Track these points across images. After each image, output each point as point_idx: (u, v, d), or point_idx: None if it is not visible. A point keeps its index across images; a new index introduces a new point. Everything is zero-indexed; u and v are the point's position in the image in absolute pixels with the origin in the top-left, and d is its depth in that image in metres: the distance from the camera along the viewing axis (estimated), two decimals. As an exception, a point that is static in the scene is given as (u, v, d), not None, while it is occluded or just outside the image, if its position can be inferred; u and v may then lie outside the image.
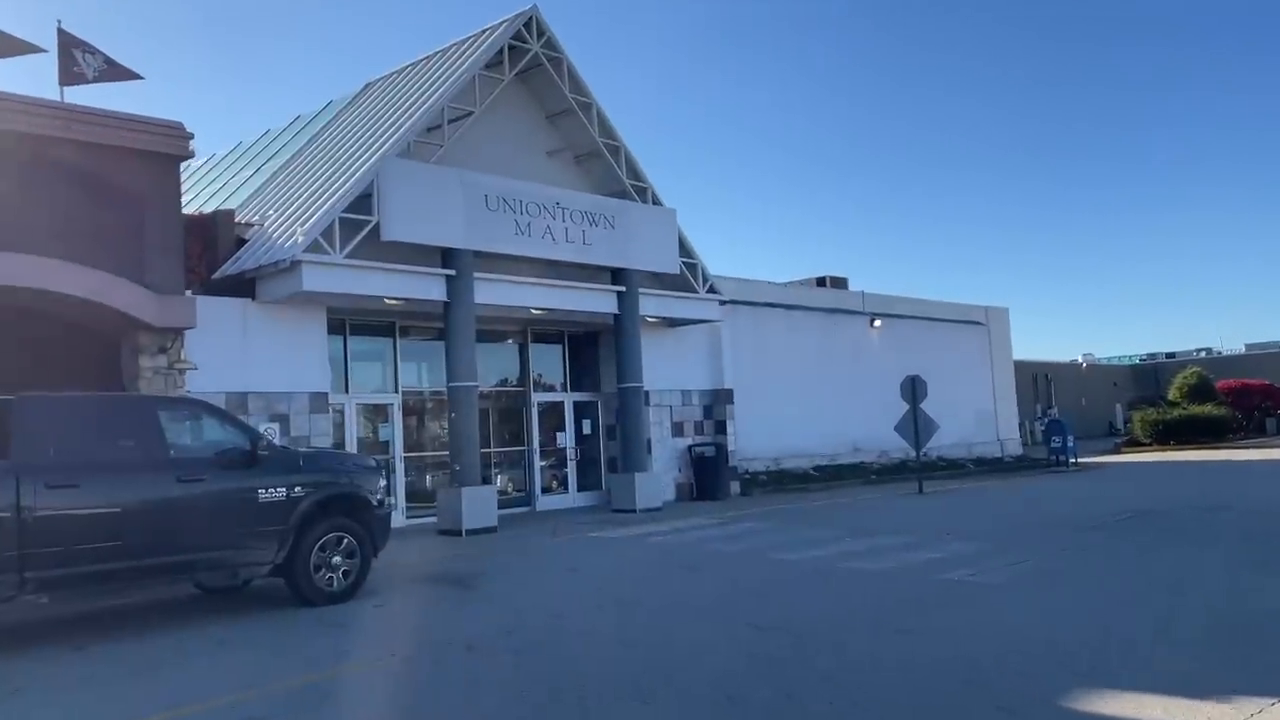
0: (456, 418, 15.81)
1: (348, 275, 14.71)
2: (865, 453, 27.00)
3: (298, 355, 15.32)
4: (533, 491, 19.53)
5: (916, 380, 20.94)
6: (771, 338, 24.79)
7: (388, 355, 17.71)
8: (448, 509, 15.65)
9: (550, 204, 17.19)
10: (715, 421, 21.74)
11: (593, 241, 17.80)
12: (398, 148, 15.70)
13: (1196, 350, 72.94)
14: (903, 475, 25.47)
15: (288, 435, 15.08)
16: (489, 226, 16.24)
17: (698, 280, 20.07)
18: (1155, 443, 38.76)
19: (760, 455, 23.62)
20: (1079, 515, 15.32)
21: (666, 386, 20.75)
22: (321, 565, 9.76)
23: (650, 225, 18.91)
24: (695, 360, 21.59)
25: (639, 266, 18.64)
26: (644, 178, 19.27)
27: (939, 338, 30.30)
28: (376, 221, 15.01)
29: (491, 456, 19.30)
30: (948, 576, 10.06)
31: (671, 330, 21.07)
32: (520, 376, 19.92)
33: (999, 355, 33.56)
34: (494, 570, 11.76)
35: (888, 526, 14.70)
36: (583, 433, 20.56)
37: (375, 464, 10.92)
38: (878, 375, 27.44)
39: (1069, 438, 26.96)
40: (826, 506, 18.44)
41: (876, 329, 28.14)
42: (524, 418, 19.78)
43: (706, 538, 14.15)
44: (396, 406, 17.56)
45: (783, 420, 24.38)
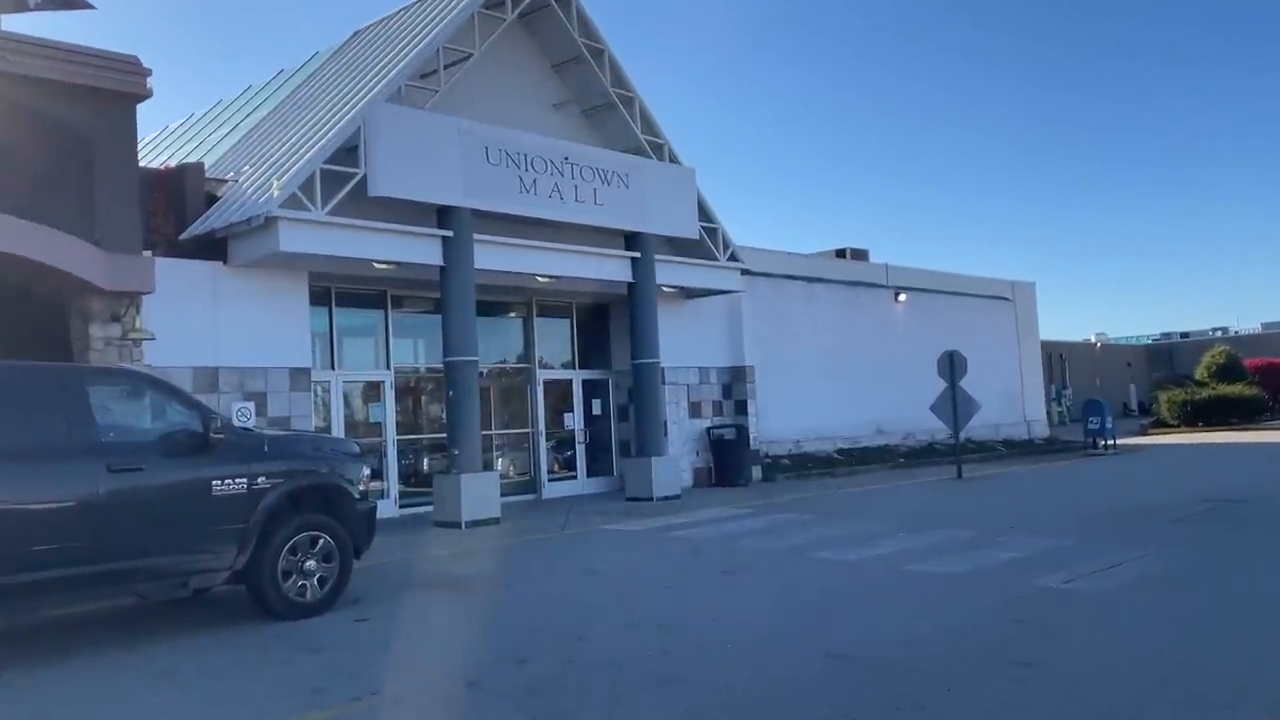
0: (454, 397, 14.14)
1: (331, 235, 13.00)
2: (889, 434, 25.37)
3: (276, 326, 13.63)
4: (539, 478, 17.89)
5: (955, 356, 19.27)
6: (791, 312, 23.09)
7: (379, 328, 16.02)
8: (445, 498, 14.00)
9: (558, 159, 15.45)
10: (735, 401, 20.08)
11: (605, 202, 16.08)
12: (387, 92, 13.95)
13: (1212, 330, 71.37)
14: (932, 458, 23.88)
15: (264, 416, 13.43)
16: (490, 183, 14.52)
17: (718, 247, 18.36)
18: (1183, 424, 37.15)
19: (781, 437, 21.97)
20: (1150, 504, 13.69)
21: (683, 363, 19.08)
22: (292, 571, 8.11)
23: (667, 185, 17.18)
24: (713, 335, 19.91)
25: (655, 230, 16.92)
26: (660, 133, 17.53)
27: (965, 314, 28.60)
28: (363, 175, 13.29)
29: (494, 440, 17.64)
30: (1041, 583, 8.41)
31: (688, 302, 19.37)
32: (524, 353, 18.25)
33: (1025, 333, 31.86)
34: (498, 572, 10.12)
35: (939, 518, 13.06)
36: (592, 414, 18.92)
37: (358, 449, 9.24)
38: (902, 352, 25.86)
39: (1107, 419, 25.32)
40: (861, 494, 16.80)
41: (901, 303, 26.42)
42: (528, 398, 18.13)
43: (738, 532, 12.50)
44: (389, 385, 15.89)
45: (803, 400, 22.72)
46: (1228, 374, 39.59)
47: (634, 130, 17.13)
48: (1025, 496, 15.79)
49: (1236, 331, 67.09)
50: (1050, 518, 12.75)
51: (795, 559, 10.24)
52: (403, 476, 16.20)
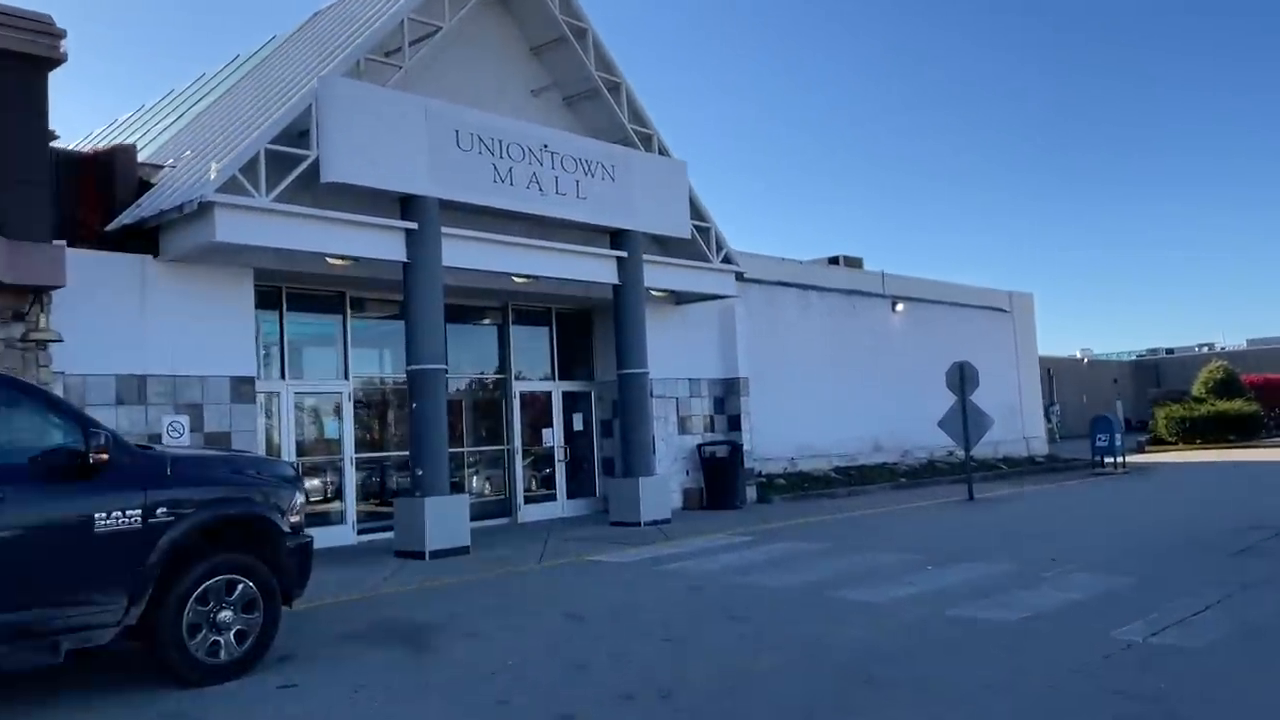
0: (419, 410, 12.53)
1: (276, 225, 11.39)
2: (887, 451, 23.94)
3: (216, 329, 11.99)
4: (514, 500, 16.28)
5: (965, 368, 17.86)
6: (784, 321, 21.65)
7: (337, 335, 14.39)
8: (408, 525, 12.38)
9: (537, 146, 13.93)
10: (728, 416, 18.56)
11: (589, 195, 14.56)
12: (344, 67, 12.40)
13: (1198, 345, 70.78)
14: (934, 477, 22.45)
15: (200, 431, 11.77)
16: (460, 170, 12.97)
17: (711, 248, 16.87)
18: (1181, 441, 36.02)
19: (775, 455, 20.47)
20: (1198, 532, 12.27)
21: (672, 375, 17.55)
22: (201, 625, 6.50)
23: (656, 179, 15.69)
24: (705, 344, 18.40)
25: (643, 228, 15.41)
26: (649, 122, 16.05)
27: (963, 325, 27.29)
28: (315, 158, 11.70)
29: (465, 458, 16.04)
30: (1123, 637, 6.92)
31: (678, 308, 17.86)
32: (500, 363, 16.67)
33: (1024, 346, 30.61)
34: (464, 618, 8.51)
35: (964, 547, 11.57)
36: (574, 429, 17.34)
37: (292, 472, 7.64)
38: (899, 365, 24.51)
39: (1116, 436, 23.99)
40: (867, 518, 15.30)
41: (899, 313, 25.06)
42: (504, 412, 16.53)
43: (740, 564, 10.95)
44: (347, 396, 14.26)
45: (798, 415, 21.26)
46: (1226, 390, 38.50)
47: (620, 118, 15.63)
48: (1051, 522, 14.33)
49: (1224, 347, 66.48)
50: (1093, 548, 11.28)
51: (814, 601, 8.69)
52: (363, 499, 14.56)
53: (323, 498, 14.12)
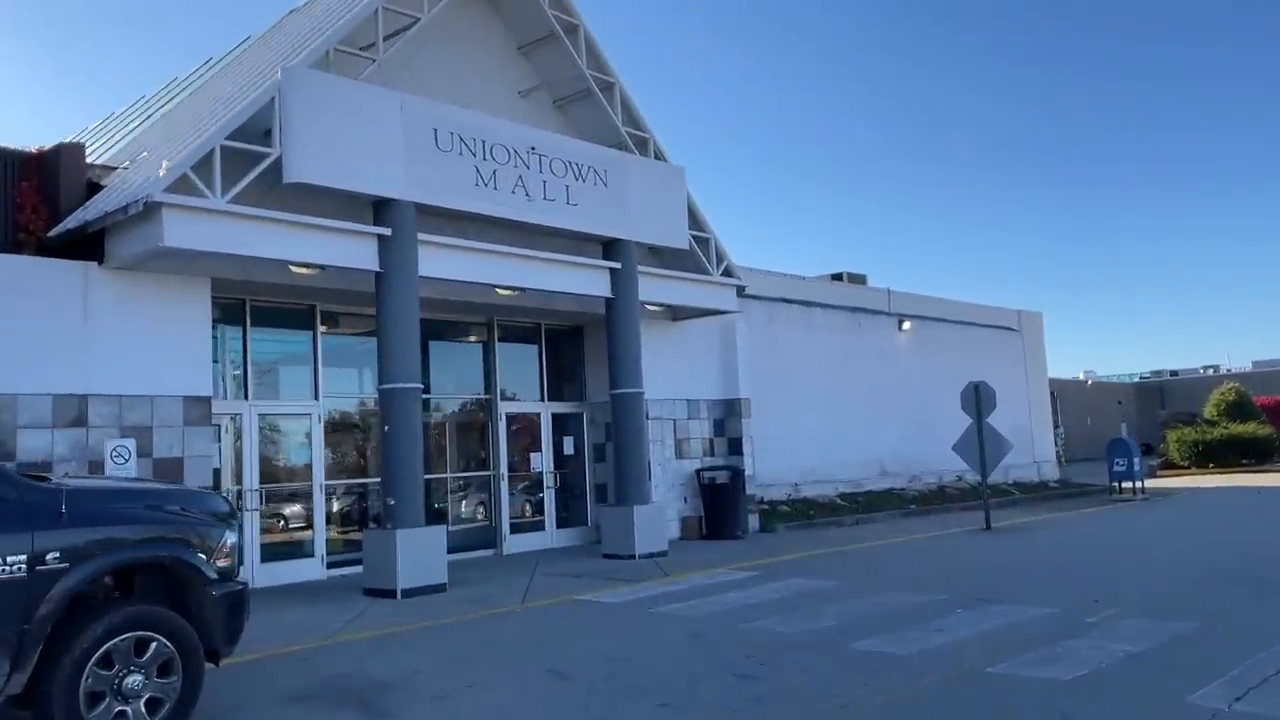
0: (391, 433, 11.43)
1: (233, 228, 10.34)
2: (894, 476, 22.85)
3: (168, 344, 10.92)
4: (499, 529, 15.15)
5: (981, 388, 16.80)
6: (786, 339, 20.62)
7: (306, 352, 13.31)
8: (378, 560, 11.25)
9: (523, 148, 12.91)
10: (729, 439, 17.47)
11: (580, 202, 13.53)
12: (312, 58, 11.38)
13: (1203, 368, 69.74)
14: (945, 504, 21.36)
15: (149, 456, 10.67)
16: (440, 172, 11.95)
17: (710, 260, 15.83)
18: (1193, 465, 34.98)
19: (777, 480, 19.39)
20: (1247, 565, 11.19)
21: (669, 395, 16.48)
22: (105, 692, 5.41)
23: (653, 185, 14.67)
24: (704, 363, 17.34)
25: (638, 237, 14.38)
26: (644, 125, 15.05)
27: (971, 344, 26.29)
28: (277, 156, 10.67)
29: (446, 485, 14.94)
30: (1202, 703, 5.83)
31: (675, 325, 16.82)
32: (484, 383, 15.58)
33: (1034, 366, 29.62)
34: (430, 674, 7.38)
35: (991, 585, 10.47)
36: (564, 453, 16.24)
37: (225, 508, 6.52)
38: (906, 386, 23.50)
39: (1135, 460, 22.90)
40: (879, 550, 14.19)
41: (905, 332, 24.04)
42: (489, 435, 15.44)
43: (745, 605, 9.83)
44: (318, 418, 13.15)
45: (801, 439, 20.19)
46: (1238, 412, 37.44)
47: (613, 120, 14.64)
48: (1082, 554, 13.22)
49: (1229, 369, 65.43)
50: (1137, 586, 10.18)
51: (832, 653, 7.58)
52: (338, 528, 13.44)
53: (289, 527, 12.99)
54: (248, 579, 12.12)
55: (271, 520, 12.85)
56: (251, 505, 12.29)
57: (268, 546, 12.53)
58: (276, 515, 12.94)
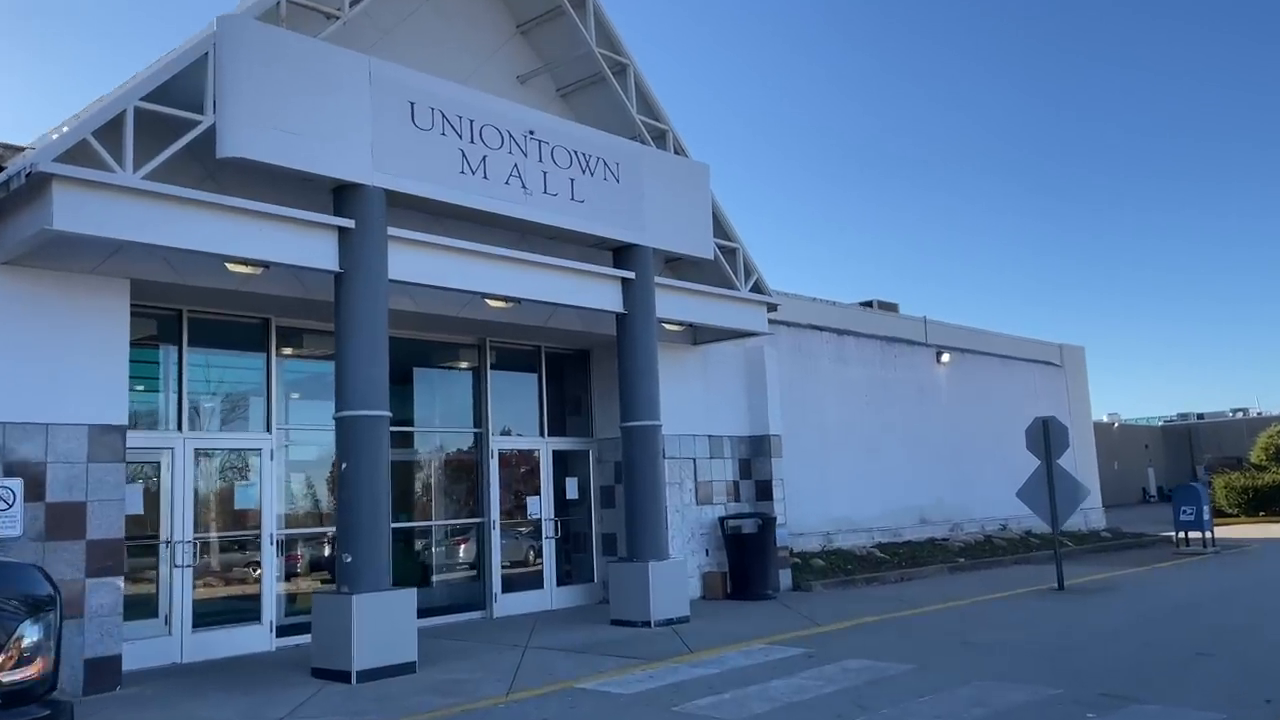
0: (349, 473, 9.17)
1: (150, 212, 8.18)
2: (934, 525, 20.50)
3: (71, 360, 8.73)
4: (489, 587, 12.83)
5: (1050, 424, 14.51)
6: (816, 371, 18.41)
7: (257, 375, 11.12)
8: (330, 632, 8.94)
9: (520, 132, 10.81)
10: (756, 483, 15.18)
11: (587, 198, 11.40)
12: (259, 9, 9.29)
13: (1232, 410, 67.30)
14: (994, 556, 18.97)
15: (41, 500, 8.43)
16: (416, 154, 9.82)
17: (738, 274, 13.65)
18: (1242, 513, 32.50)
19: (808, 529, 17.07)
20: None
21: (688, 431, 14.24)
22: None
23: (672, 183, 12.54)
24: (728, 394, 15.11)
25: (656, 244, 12.22)
26: (663, 115, 12.96)
27: (1012, 380, 24.07)
28: (211, 125, 8.55)
29: (431, 534, 12.68)
30: None
31: (695, 350, 14.62)
32: (475, 415, 13.35)
33: (1077, 404, 27.24)
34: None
35: (1112, 670, 8.12)
36: (566, 497, 13.97)
37: (39, 588, 4.27)
38: (946, 425, 21.25)
39: (1205, 508, 20.49)
40: (943, 616, 11.84)
41: (944, 364, 21.79)
42: (479, 475, 13.18)
43: (802, 703, 7.50)
44: (270, 454, 10.92)
45: (833, 483, 17.93)
46: (1288, 456, 35.05)
47: (627, 109, 12.54)
48: (1200, 626, 10.82)
49: (1260, 412, 62.94)
50: (1305, 677, 7.83)
51: (945, 791, 5.26)
52: (289, 589, 11.17)
53: (232, 585, 10.71)
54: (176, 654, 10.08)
55: (210, 578, 10.58)
56: (182, 560, 10.02)
57: (203, 611, 10.25)
58: (217, 572, 10.67)
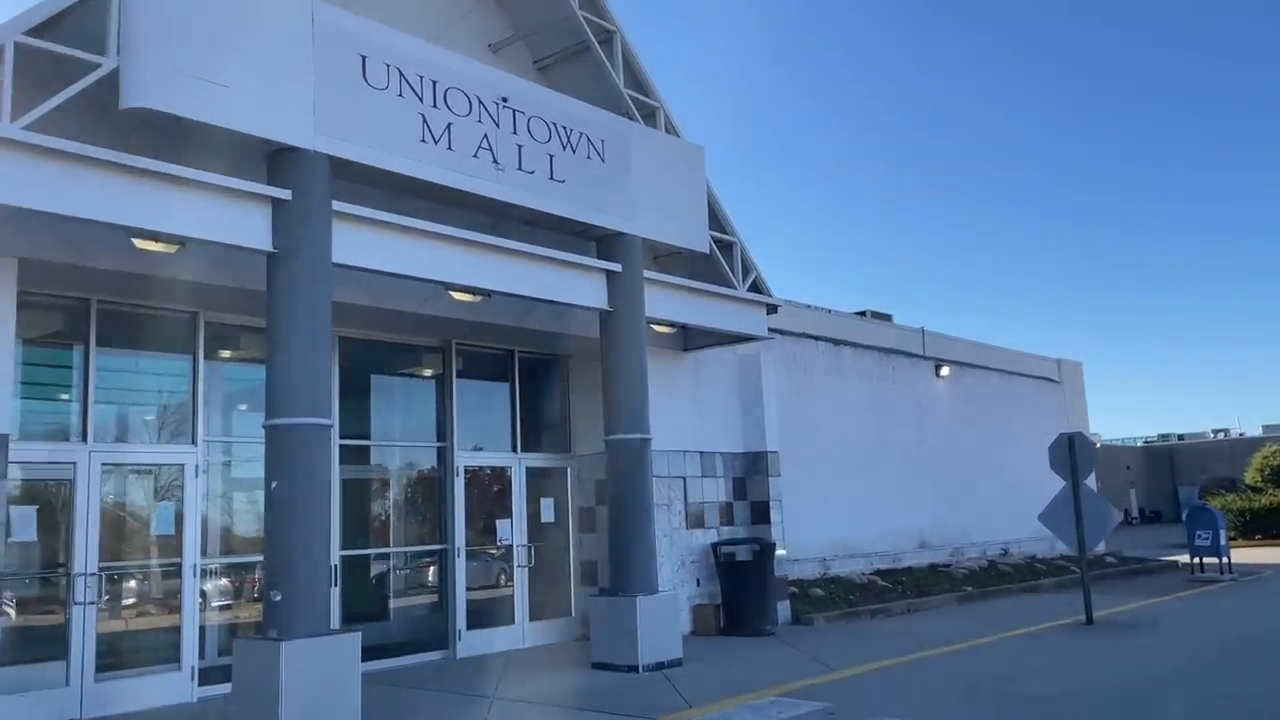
0: (279, 495, 7.61)
1: (35, 171, 6.64)
2: (935, 549, 19.17)
3: (-61, 354, 7.16)
4: (452, 623, 11.26)
5: (1077, 440, 13.18)
6: (812, 384, 17.06)
7: (181, 378, 9.54)
8: (253, 687, 7.36)
9: (491, 98, 9.36)
10: (752, 504, 13.72)
11: (568, 177, 9.95)
12: (179, -63, 7.80)
13: (1213, 431, 66.72)
14: (1000, 584, 17.64)
15: (-107, 526, 6.82)
16: (368, 117, 8.35)
17: (735, 271, 12.25)
18: (1239, 536, 31.43)
19: (804, 555, 15.64)
20: None
21: (677, 447, 12.77)
22: None
23: (663, 166, 11.14)
24: (721, 407, 13.67)
25: (645, 233, 10.79)
26: (653, 90, 11.57)
27: (1011, 395, 22.88)
28: (115, 69, 7.04)
29: (389, 564, 11.12)
30: None
31: (685, 357, 13.19)
32: (438, 428, 11.83)
33: (1075, 422, 26.00)
34: None
35: None
36: (541, 520, 12.45)
37: None
38: (946, 442, 19.94)
39: (1221, 533, 19.24)
40: (967, 656, 10.41)
41: (943, 378, 20.52)
42: (441, 496, 11.64)
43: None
44: (195, 471, 9.33)
45: (830, 505, 16.53)
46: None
47: (614, 83, 11.13)
48: (1269, 666, 9.46)
49: (1242, 433, 62.35)
50: None
51: None
52: (218, 630, 9.58)
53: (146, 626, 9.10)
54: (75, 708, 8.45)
55: (120, 618, 8.96)
56: (84, 597, 8.41)
57: (110, 656, 8.64)
58: (129, 608, 9.06)
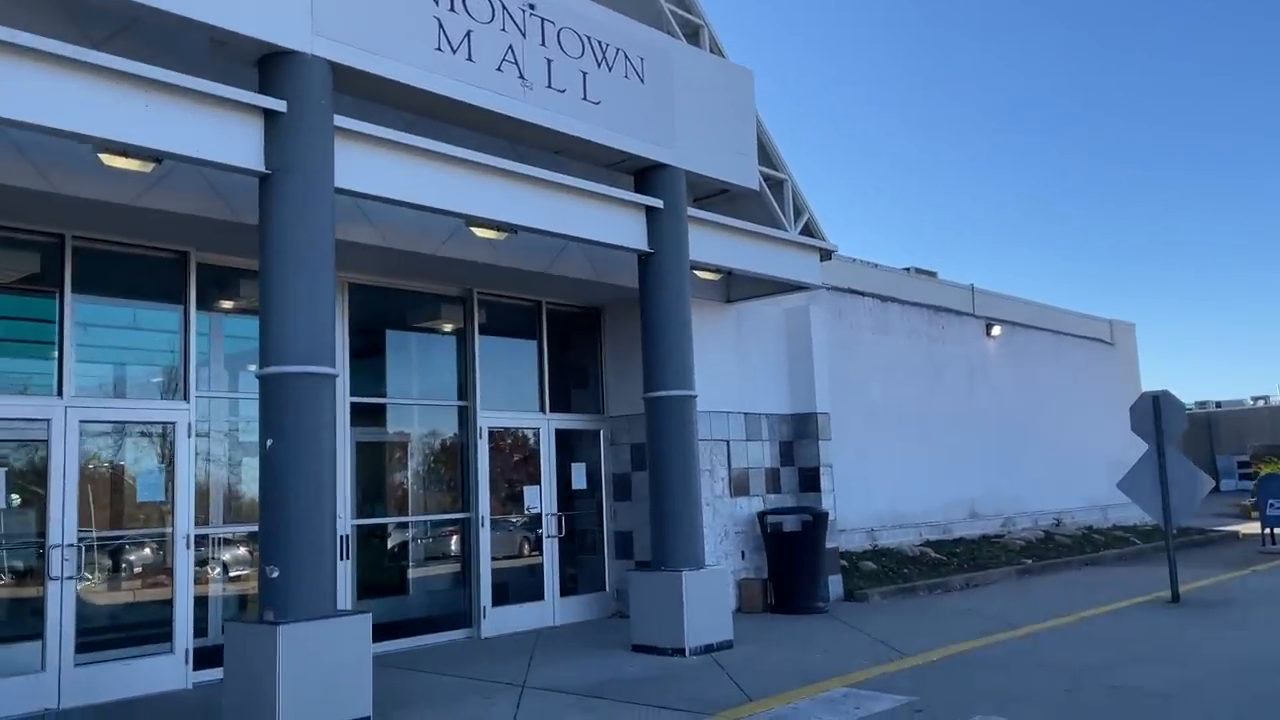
0: (274, 454, 6.56)
1: (-29, 66, 5.57)
2: (985, 519, 18.05)
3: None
4: (475, 599, 10.25)
5: (1163, 399, 11.93)
6: (857, 342, 15.90)
7: (170, 328, 8.49)
8: (246, 676, 6.36)
9: (516, 3, 8.17)
10: (800, 470, 12.62)
11: (603, 99, 8.78)
12: None
13: (1252, 398, 64.91)
14: (1061, 556, 16.50)
15: None
16: (375, 17, 7.21)
17: (786, 211, 11.07)
18: (1292, 505, 29.97)
19: (850, 525, 14.52)
20: None
21: (720, 407, 11.67)
22: None
23: (708, 92, 9.93)
24: (766, 364, 12.53)
25: (689, 166, 9.61)
26: (696, 4, 10.35)
27: (1064, 358, 21.63)
28: (73, -50, 5.92)
29: (408, 535, 10.10)
30: None
31: (728, 309, 12.04)
32: (459, 387, 10.76)
33: (1128, 387, 24.69)
34: None
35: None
36: (572, 488, 11.40)
37: None
38: (996, 406, 18.76)
39: (1295, 502, 17.98)
40: (1053, 641, 9.28)
41: (994, 338, 19.28)
42: (463, 461, 10.60)
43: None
44: (186, 430, 8.30)
45: (877, 471, 15.42)
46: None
47: (651, -3, 9.93)
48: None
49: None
50: None
51: None
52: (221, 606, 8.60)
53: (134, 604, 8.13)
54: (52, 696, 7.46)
55: (101, 595, 7.99)
56: (61, 571, 7.43)
57: (92, 638, 7.68)
58: (114, 583, 8.09)
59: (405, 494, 10.62)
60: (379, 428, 10.41)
